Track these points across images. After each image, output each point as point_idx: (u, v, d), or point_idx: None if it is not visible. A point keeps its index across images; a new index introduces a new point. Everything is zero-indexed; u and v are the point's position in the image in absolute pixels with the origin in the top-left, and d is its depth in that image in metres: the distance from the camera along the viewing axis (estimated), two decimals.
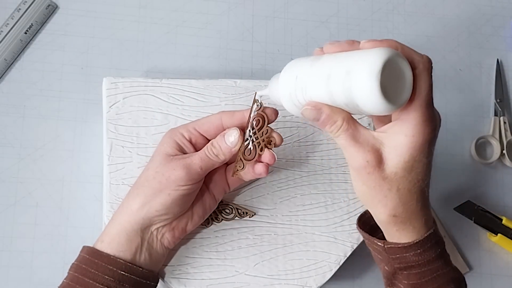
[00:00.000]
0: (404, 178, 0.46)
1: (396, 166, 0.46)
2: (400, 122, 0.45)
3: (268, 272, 0.60)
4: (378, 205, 0.48)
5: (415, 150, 0.45)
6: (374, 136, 0.47)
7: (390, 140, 0.46)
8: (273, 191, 0.63)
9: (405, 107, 0.45)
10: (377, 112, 0.43)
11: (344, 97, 0.44)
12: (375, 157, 0.46)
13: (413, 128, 0.45)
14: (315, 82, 0.47)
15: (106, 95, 0.63)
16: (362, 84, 0.42)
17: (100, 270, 0.51)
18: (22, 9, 0.73)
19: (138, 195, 0.54)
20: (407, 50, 0.45)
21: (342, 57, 0.45)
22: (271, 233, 0.62)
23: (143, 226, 0.54)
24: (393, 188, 0.47)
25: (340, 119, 0.47)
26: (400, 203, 0.47)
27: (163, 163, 0.54)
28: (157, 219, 0.54)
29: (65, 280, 0.52)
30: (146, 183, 0.54)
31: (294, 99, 0.49)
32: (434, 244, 0.50)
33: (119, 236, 0.53)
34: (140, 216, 0.53)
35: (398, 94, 0.43)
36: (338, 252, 0.62)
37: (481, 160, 0.78)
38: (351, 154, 0.47)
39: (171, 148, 0.55)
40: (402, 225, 0.49)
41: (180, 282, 0.59)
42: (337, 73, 0.44)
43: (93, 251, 0.53)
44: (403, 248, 0.49)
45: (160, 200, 0.53)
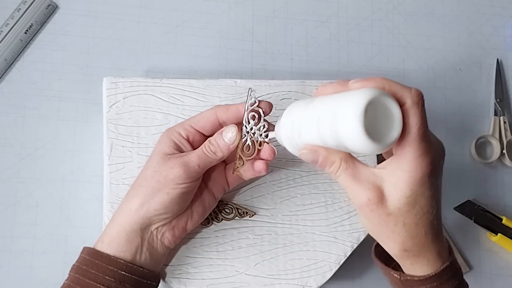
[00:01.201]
0: (408, 212, 0.46)
1: (398, 201, 0.46)
2: (397, 157, 0.45)
3: (268, 271, 0.60)
4: (387, 241, 0.49)
5: (414, 185, 0.45)
6: (374, 173, 0.46)
7: (390, 176, 0.46)
8: (273, 191, 0.63)
9: (400, 143, 0.45)
10: (367, 152, 0.43)
11: (333, 140, 0.45)
12: (377, 194, 0.46)
13: (409, 164, 0.45)
14: (307, 125, 0.48)
15: (106, 95, 0.63)
16: (347, 127, 0.42)
17: (100, 270, 0.51)
18: (22, 9, 0.73)
19: (137, 195, 0.54)
20: (394, 87, 0.45)
21: (330, 100, 0.46)
22: (271, 232, 0.62)
23: (142, 226, 0.53)
24: (399, 223, 0.46)
25: (338, 159, 0.47)
26: (408, 238, 0.47)
27: (161, 162, 0.54)
28: (156, 218, 0.54)
29: (66, 282, 0.52)
30: (145, 182, 0.54)
31: (293, 143, 0.50)
32: (451, 277, 0.49)
33: (119, 236, 0.53)
34: (139, 215, 0.53)
35: (387, 132, 0.43)
36: (338, 252, 0.62)
37: (481, 160, 0.78)
38: (352, 192, 0.47)
39: (168, 147, 0.55)
40: (415, 258, 0.49)
41: (181, 281, 0.59)
42: (325, 116, 0.45)
43: (93, 252, 0.53)
44: (419, 281, 0.49)
45: (159, 199, 0.53)
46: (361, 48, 0.80)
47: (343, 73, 0.78)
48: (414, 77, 0.80)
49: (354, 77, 0.53)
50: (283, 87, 0.65)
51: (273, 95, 0.64)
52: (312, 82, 0.65)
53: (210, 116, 0.56)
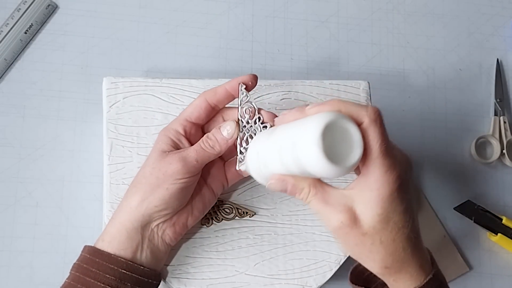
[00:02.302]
0: (383, 230, 0.46)
1: (371, 220, 0.45)
2: (363, 177, 0.45)
3: (268, 271, 0.60)
4: (367, 260, 0.48)
5: (384, 202, 0.45)
6: (344, 194, 0.46)
7: (359, 196, 0.46)
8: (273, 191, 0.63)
9: (364, 162, 0.44)
10: (330, 176, 0.43)
11: (297, 167, 0.45)
12: (349, 215, 0.46)
13: (375, 182, 0.45)
14: (271, 156, 0.48)
15: (106, 95, 0.62)
16: (307, 153, 0.42)
17: (101, 269, 0.51)
18: (22, 9, 0.73)
19: (136, 192, 0.54)
20: (349, 108, 0.45)
21: (290, 128, 0.46)
22: (271, 232, 0.62)
23: (143, 223, 0.54)
24: (376, 242, 0.46)
25: (306, 186, 0.47)
26: (387, 255, 0.47)
27: (159, 159, 0.54)
28: (156, 215, 0.54)
29: (67, 280, 0.52)
30: (144, 179, 0.54)
31: (261, 174, 0.51)
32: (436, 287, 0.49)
33: (119, 234, 0.53)
34: (139, 213, 0.53)
35: (348, 154, 0.43)
36: (338, 252, 0.62)
37: (481, 160, 0.78)
38: (325, 217, 0.47)
39: (166, 145, 0.55)
40: (397, 274, 0.48)
41: (181, 281, 0.59)
42: (286, 145, 0.45)
43: (94, 250, 0.53)
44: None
45: (158, 195, 0.53)
46: (361, 48, 0.80)
47: (343, 73, 0.78)
48: (414, 77, 0.80)
49: (354, 77, 0.54)
50: (283, 87, 0.65)
51: (273, 95, 0.64)
52: (312, 82, 0.65)
53: (201, 104, 0.56)
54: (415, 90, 0.80)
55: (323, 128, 0.42)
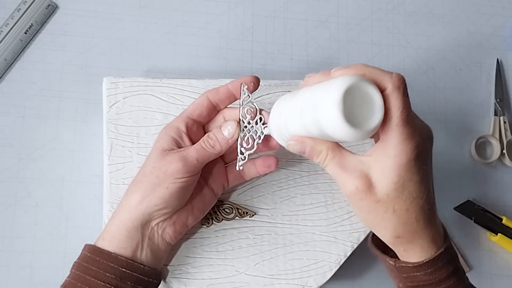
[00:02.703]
0: (398, 198, 0.46)
1: (386, 188, 0.45)
2: (382, 143, 0.45)
3: (268, 271, 0.60)
4: (379, 228, 0.48)
5: (401, 170, 0.45)
6: (361, 161, 0.46)
7: (376, 163, 0.46)
8: (273, 191, 0.63)
9: (384, 128, 0.44)
10: (349, 140, 0.43)
11: (316, 129, 0.45)
12: (365, 182, 0.46)
13: (393, 149, 0.44)
14: (293, 117, 0.48)
15: (106, 95, 0.62)
16: (327, 115, 0.42)
17: (101, 267, 0.51)
18: (22, 9, 0.73)
19: (137, 191, 0.54)
20: (374, 73, 0.44)
21: (313, 90, 0.46)
22: (271, 232, 0.62)
23: (143, 222, 0.54)
24: (389, 210, 0.46)
25: (324, 149, 0.47)
26: (399, 224, 0.47)
27: (159, 158, 0.54)
28: (156, 213, 0.54)
29: (68, 279, 0.52)
30: (144, 178, 0.54)
31: (282, 135, 0.51)
32: (446, 263, 0.49)
33: (119, 233, 0.53)
34: (139, 211, 0.53)
35: (368, 119, 0.43)
36: (338, 252, 0.62)
37: (481, 160, 0.78)
38: (341, 182, 0.47)
39: (167, 143, 0.55)
40: (408, 245, 0.48)
41: (181, 281, 0.59)
42: (307, 106, 0.45)
43: (94, 249, 0.53)
44: (413, 267, 0.49)
45: (158, 194, 0.53)
46: (361, 48, 0.80)
47: None
48: (414, 77, 0.80)
49: None
50: (283, 87, 0.65)
51: (273, 95, 0.64)
52: None
53: (203, 102, 0.56)
54: (415, 90, 0.80)
55: (345, 91, 0.42)
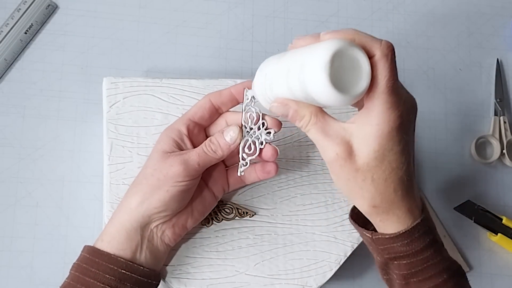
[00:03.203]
0: (377, 167, 0.45)
1: (367, 156, 0.45)
2: (366, 111, 0.45)
3: (268, 271, 0.60)
4: (357, 197, 0.48)
5: (382, 138, 0.44)
6: (344, 127, 0.46)
7: (359, 131, 0.45)
8: (273, 191, 0.63)
9: (368, 96, 0.44)
10: (334, 104, 0.43)
11: (302, 92, 0.44)
12: (345, 149, 0.45)
13: (376, 117, 0.44)
14: (278, 78, 0.47)
15: (106, 95, 0.62)
16: (313, 77, 0.42)
17: (100, 269, 0.51)
18: (22, 9, 0.73)
19: (137, 193, 0.54)
20: (363, 38, 0.44)
21: (301, 52, 0.45)
22: (271, 233, 0.62)
23: (142, 224, 0.53)
24: (368, 179, 0.46)
25: (307, 113, 0.46)
26: (376, 193, 0.47)
27: (160, 160, 0.54)
28: (156, 216, 0.54)
29: (67, 280, 0.52)
30: (144, 180, 0.54)
31: (266, 97, 0.50)
32: (422, 234, 0.48)
33: (119, 234, 0.53)
34: (139, 213, 0.53)
35: (355, 84, 0.43)
36: (338, 252, 0.62)
37: (481, 160, 0.78)
38: (322, 147, 0.47)
39: (168, 146, 0.55)
40: (384, 215, 0.48)
41: (181, 282, 0.59)
42: (294, 68, 0.44)
43: (93, 250, 0.53)
44: (389, 239, 0.49)
45: (158, 197, 0.53)
46: None
47: None
48: (414, 77, 0.80)
49: None
50: None
51: None
52: None
53: (205, 104, 0.56)
54: (415, 90, 0.79)
55: (332, 55, 0.41)
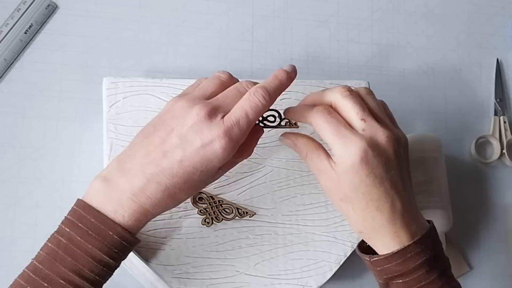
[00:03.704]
0: (354, 199, 0.50)
1: (344, 188, 0.50)
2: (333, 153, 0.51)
3: (268, 271, 0.60)
4: (348, 222, 0.55)
5: (348, 174, 0.49)
6: (331, 165, 0.51)
7: (336, 167, 0.50)
8: (273, 191, 0.63)
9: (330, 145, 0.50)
10: None
11: None
12: (332, 182, 0.51)
13: (337, 157, 0.50)
14: None
15: (106, 95, 0.62)
16: None
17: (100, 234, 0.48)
18: (22, 9, 0.73)
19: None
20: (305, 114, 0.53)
21: None
22: (271, 232, 0.62)
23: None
24: (349, 208, 0.51)
25: (304, 150, 0.53)
26: (358, 221, 0.52)
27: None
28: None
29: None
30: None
31: None
32: (415, 255, 0.50)
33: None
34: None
35: None
36: (338, 252, 0.62)
37: (481, 160, 0.78)
38: (317, 179, 0.53)
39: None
40: (371, 240, 0.53)
41: (181, 281, 0.59)
42: None
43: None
44: (384, 259, 0.51)
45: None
46: (361, 48, 0.80)
47: (343, 73, 0.78)
48: (414, 77, 0.80)
49: (354, 77, 0.55)
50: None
51: None
52: (312, 82, 0.65)
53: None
54: (415, 90, 0.80)
55: None
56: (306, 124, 0.53)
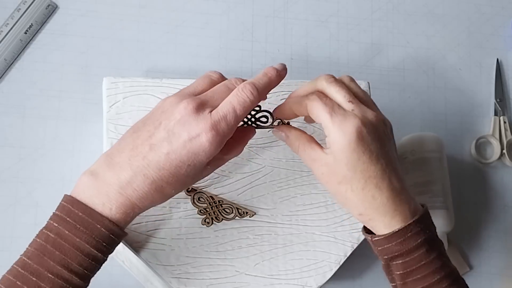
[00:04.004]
0: (353, 179, 0.50)
1: (341, 169, 0.50)
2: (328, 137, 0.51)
3: (268, 272, 0.60)
4: (347, 207, 0.53)
5: (345, 151, 0.49)
6: (325, 152, 0.51)
7: (332, 152, 0.50)
8: (273, 191, 0.63)
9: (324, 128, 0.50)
10: None
11: None
12: (328, 168, 0.51)
13: (333, 136, 0.50)
14: None
15: (106, 95, 0.62)
16: None
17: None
18: (22, 9, 0.73)
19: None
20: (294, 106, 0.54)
21: None
22: (271, 233, 0.62)
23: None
24: (348, 190, 0.51)
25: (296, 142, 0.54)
26: (359, 202, 0.51)
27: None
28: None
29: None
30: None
31: None
32: (414, 234, 0.51)
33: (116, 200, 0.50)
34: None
35: None
36: (338, 252, 0.62)
37: (481, 160, 0.78)
38: (311, 169, 0.53)
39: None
40: (371, 222, 0.52)
41: (180, 281, 0.59)
42: None
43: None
44: (384, 239, 0.51)
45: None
46: (361, 48, 0.80)
47: (343, 72, 0.77)
48: (414, 77, 0.80)
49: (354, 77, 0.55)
50: (283, 87, 0.65)
51: (273, 95, 0.64)
52: None
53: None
54: (415, 90, 0.80)
55: None
56: (297, 118, 0.55)
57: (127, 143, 0.50)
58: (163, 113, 0.50)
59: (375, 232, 0.53)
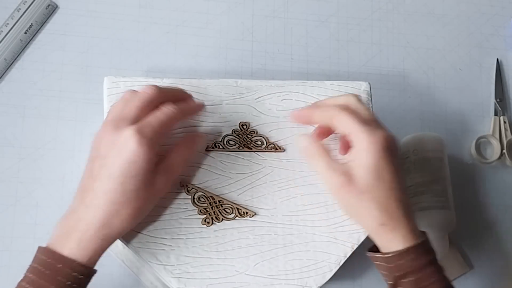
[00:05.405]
0: (377, 187, 0.52)
1: (366, 177, 0.52)
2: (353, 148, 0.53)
3: (268, 272, 0.60)
4: (365, 218, 0.54)
5: (373, 158, 0.52)
6: (343, 162, 0.54)
7: (354, 161, 0.53)
8: (274, 191, 0.63)
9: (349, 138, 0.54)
10: None
11: None
12: (347, 178, 0.53)
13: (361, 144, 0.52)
14: None
15: (107, 94, 0.62)
16: None
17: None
18: (22, 9, 0.73)
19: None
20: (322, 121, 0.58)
21: None
22: (271, 233, 0.62)
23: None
24: (372, 199, 0.52)
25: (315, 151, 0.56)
26: (382, 211, 0.52)
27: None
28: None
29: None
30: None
31: None
32: (425, 252, 0.52)
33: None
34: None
35: None
36: (338, 253, 0.62)
37: (481, 160, 0.78)
38: (327, 178, 0.55)
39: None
40: (391, 233, 0.53)
41: (180, 281, 0.59)
42: None
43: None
44: (399, 255, 0.52)
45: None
46: (361, 48, 0.80)
47: (343, 73, 0.78)
48: (414, 77, 0.80)
49: (354, 77, 0.55)
50: (284, 88, 0.65)
51: (274, 96, 0.64)
52: (313, 83, 0.65)
53: None
54: (415, 90, 0.80)
55: None
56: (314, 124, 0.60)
57: (78, 190, 0.53)
58: (92, 149, 0.53)
59: (384, 248, 0.53)
